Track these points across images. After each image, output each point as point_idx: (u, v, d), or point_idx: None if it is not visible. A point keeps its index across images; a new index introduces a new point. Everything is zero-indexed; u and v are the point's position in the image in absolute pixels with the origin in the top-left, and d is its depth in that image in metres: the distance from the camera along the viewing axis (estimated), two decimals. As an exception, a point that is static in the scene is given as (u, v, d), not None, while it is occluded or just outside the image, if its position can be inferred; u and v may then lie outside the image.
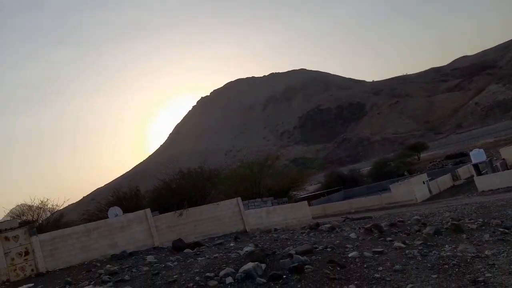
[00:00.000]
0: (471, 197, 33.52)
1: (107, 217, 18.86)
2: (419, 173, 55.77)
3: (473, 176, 40.95)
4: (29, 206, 20.92)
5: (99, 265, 14.45)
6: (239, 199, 21.52)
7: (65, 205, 23.69)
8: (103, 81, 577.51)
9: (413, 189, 40.62)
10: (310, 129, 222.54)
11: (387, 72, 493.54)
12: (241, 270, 9.11)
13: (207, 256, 12.30)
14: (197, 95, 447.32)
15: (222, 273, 9.28)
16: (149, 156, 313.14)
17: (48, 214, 21.01)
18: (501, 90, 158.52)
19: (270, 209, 24.17)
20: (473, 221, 14.95)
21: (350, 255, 10.44)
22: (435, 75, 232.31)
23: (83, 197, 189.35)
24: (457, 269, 8.99)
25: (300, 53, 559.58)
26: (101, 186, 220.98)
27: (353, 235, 13.68)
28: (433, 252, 10.53)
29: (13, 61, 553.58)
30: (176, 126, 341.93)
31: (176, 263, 12.08)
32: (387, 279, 8.52)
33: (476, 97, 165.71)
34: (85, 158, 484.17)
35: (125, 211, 19.34)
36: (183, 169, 24.59)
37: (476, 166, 40.04)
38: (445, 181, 47.43)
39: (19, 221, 16.84)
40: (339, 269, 9.26)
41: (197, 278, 9.35)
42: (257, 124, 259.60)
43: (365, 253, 10.56)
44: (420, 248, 11.04)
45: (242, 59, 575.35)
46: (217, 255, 12.13)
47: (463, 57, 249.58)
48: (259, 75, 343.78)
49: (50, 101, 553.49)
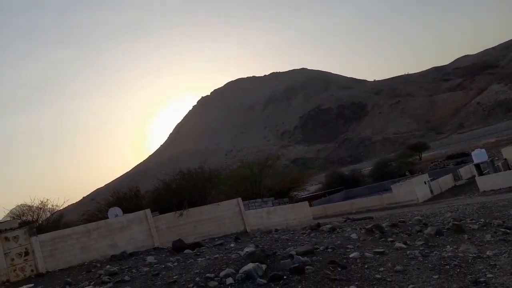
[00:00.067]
0: (473, 197, 33.46)
1: (107, 218, 18.85)
2: (420, 173, 55.72)
3: (474, 176, 40.91)
4: (29, 207, 20.88)
5: (99, 265, 14.44)
6: (240, 199, 21.52)
7: (65, 205, 23.67)
8: (103, 81, 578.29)
9: (414, 189, 40.56)
10: (311, 129, 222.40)
11: (388, 72, 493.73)
12: (241, 270, 9.09)
13: (207, 257, 12.28)
14: (197, 95, 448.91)
15: (222, 273, 9.26)
16: (149, 156, 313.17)
17: (48, 214, 20.97)
18: (503, 90, 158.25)
19: (271, 210, 24.12)
20: (474, 221, 14.89)
21: (351, 255, 10.41)
22: (436, 75, 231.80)
23: (83, 197, 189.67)
24: (458, 270, 8.95)
25: (301, 52, 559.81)
26: (101, 187, 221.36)
27: (354, 235, 13.64)
28: (434, 252, 10.49)
29: (13, 61, 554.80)
30: (176, 126, 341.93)
31: (176, 263, 12.06)
32: (388, 279, 8.48)
33: (478, 97, 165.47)
34: (85, 158, 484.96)
35: (125, 211, 19.30)
36: (183, 169, 24.51)
37: (477, 166, 40.00)
38: (446, 181, 47.37)
39: (19, 221, 16.82)
40: (340, 269, 9.23)
41: (197, 279, 9.33)
42: (258, 124, 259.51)
43: (366, 253, 10.52)
44: (421, 248, 11.00)
45: (242, 59, 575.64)
46: (217, 255, 12.11)
47: (464, 56, 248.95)
48: (259, 75, 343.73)
49: (50, 101, 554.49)
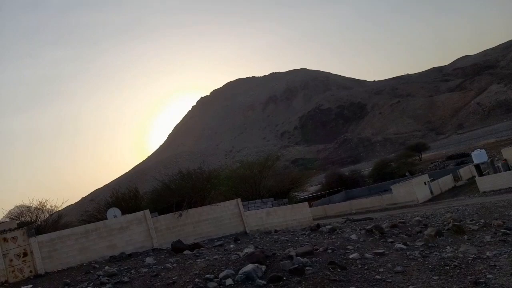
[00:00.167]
0: (473, 198, 33.45)
1: (106, 218, 18.79)
2: (420, 173, 55.73)
3: (474, 176, 40.90)
4: (27, 207, 20.85)
5: (97, 266, 14.40)
6: (239, 200, 21.51)
7: (64, 206, 23.70)
8: (103, 81, 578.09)
9: (414, 190, 40.54)
10: (310, 129, 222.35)
11: (388, 72, 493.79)
12: (241, 271, 9.06)
13: (206, 258, 12.26)
14: (197, 95, 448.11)
15: (221, 274, 9.23)
16: (149, 156, 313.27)
17: (47, 215, 20.91)
18: (502, 90, 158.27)
19: (270, 210, 24.08)
20: (474, 222, 14.88)
21: (351, 256, 10.39)
22: (436, 75, 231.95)
23: (82, 198, 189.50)
24: (458, 271, 8.92)
25: (300, 53, 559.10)
26: (100, 187, 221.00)
27: (354, 236, 13.62)
28: (434, 253, 10.47)
29: (13, 61, 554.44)
30: (176, 126, 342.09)
31: (175, 264, 12.03)
32: (388, 280, 8.45)
33: (478, 97, 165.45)
34: (84, 158, 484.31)
35: (124, 212, 19.26)
36: (182, 169, 24.51)
37: (477, 167, 39.98)
38: (446, 181, 47.34)
39: (17, 222, 16.82)
40: (339, 270, 9.21)
41: (196, 280, 9.29)
42: (257, 124, 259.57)
43: (366, 254, 10.50)
44: (421, 249, 10.99)
45: (242, 59, 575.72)
46: (216, 256, 12.08)
47: (464, 57, 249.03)
48: (259, 75, 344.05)
49: (50, 101, 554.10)
